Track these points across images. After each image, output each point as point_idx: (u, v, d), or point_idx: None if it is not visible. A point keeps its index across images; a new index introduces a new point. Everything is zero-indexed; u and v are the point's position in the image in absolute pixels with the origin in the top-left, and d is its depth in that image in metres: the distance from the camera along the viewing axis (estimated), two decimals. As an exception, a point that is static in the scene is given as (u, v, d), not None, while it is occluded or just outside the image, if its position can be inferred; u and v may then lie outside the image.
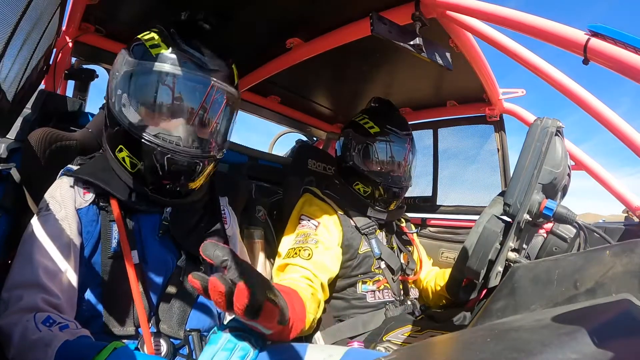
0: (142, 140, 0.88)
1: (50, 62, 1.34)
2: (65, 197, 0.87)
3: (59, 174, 0.93)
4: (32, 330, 0.70)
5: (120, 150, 0.92)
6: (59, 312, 0.78)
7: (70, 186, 0.90)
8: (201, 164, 0.93)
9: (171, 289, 0.91)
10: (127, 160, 0.92)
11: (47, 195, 0.88)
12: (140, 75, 0.92)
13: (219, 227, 1.06)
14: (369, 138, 1.48)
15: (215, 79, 0.94)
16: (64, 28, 1.33)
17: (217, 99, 0.97)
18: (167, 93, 0.92)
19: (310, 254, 1.25)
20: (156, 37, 0.95)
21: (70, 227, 0.85)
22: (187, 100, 0.93)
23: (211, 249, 0.61)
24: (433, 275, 1.56)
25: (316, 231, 1.33)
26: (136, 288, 0.83)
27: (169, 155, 0.88)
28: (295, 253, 1.26)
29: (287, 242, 1.34)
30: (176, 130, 0.91)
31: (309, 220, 1.36)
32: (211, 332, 0.83)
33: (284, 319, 0.74)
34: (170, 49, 0.92)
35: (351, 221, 1.42)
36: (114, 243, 0.87)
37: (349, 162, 1.49)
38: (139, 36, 0.98)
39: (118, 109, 0.91)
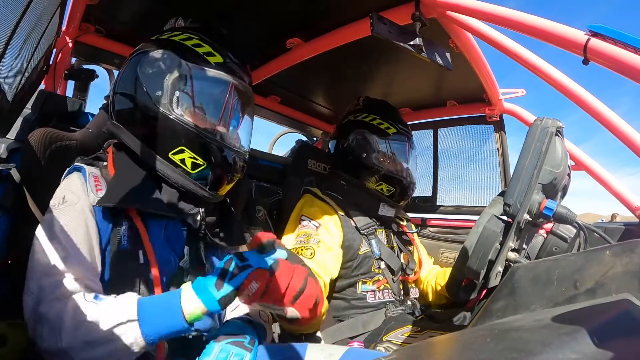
0: (208, 141, 0.93)
1: (50, 62, 1.34)
2: (80, 191, 0.86)
3: (66, 171, 0.92)
4: (88, 304, 0.71)
5: (181, 152, 0.91)
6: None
7: (82, 183, 0.88)
8: (241, 160, 1.02)
9: (173, 289, 0.91)
10: (189, 161, 0.92)
11: (62, 189, 0.86)
12: (207, 83, 0.97)
13: (232, 218, 1.08)
14: (388, 138, 1.51)
15: (251, 91, 1.04)
16: (64, 28, 1.33)
17: (250, 108, 1.09)
18: (229, 101, 0.99)
19: (313, 253, 1.26)
20: (203, 43, 0.97)
21: (88, 217, 0.84)
22: (238, 108, 1.04)
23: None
24: (434, 275, 1.56)
25: (317, 232, 1.33)
26: (157, 280, 0.84)
27: (234, 155, 0.98)
28: (298, 252, 1.26)
29: (287, 243, 1.34)
30: (231, 133, 1.01)
31: (309, 221, 1.36)
32: (204, 340, 0.83)
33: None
34: (224, 59, 0.97)
35: (351, 222, 1.42)
36: (124, 240, 0.87)
37: (369, 163, 1.48)
38: (175, 38, 0.98)
39: (179, 110, 0.93)
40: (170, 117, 0.91)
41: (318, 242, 1.30)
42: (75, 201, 0.84)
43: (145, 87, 0.92)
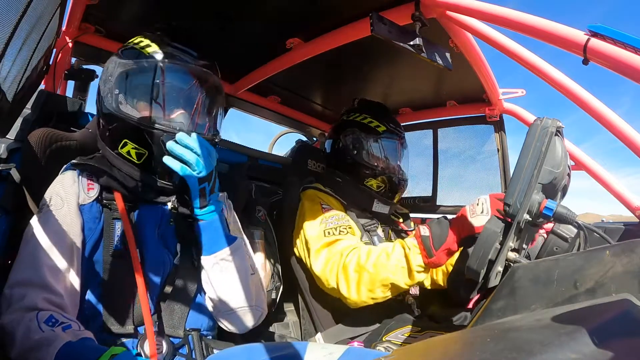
0: (150, 129, 0.91)
1: (50, 62, 1.34)
2: (68, 193, 0.88)
3: (62, 168, 0.94)
4: (35, 330, 0.70)
5: (125, 145, 0.93)
6: (62, 311, 0.78)
7: (74, 181, 0.90)
8: None
9: (168, 288, 0.91)
10: (133, 152, 0.92)
11: (50, 191, 0.88)
12: (136, 73, 0.95)
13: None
14: (379, 136, 1.53)
15: (205, 69, 1.00)
16: (64, 28, 1.33)
17: (209, 88, 1.02)
18: (165, 85, 0.96)
19: (353, 230, 1.34)
20: (144, 39, 0.99)
21: (72, 224, 0.85)
22: (184, 90, 0.98)
23: None
24: None
25: (337, 212, 1.38)
26: (142, 286, 0.83)
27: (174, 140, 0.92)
28: (341, 231, 1.29)
29: (313, 229, 1.34)
30: (177, 118, 0.96)
31: (327, 205, 1.40)
32: None
33: None
34: (161, 46, 0.96)
35: (354, 217, 1.43)
36: (117, 240, 0.88)
37: (360, 161, 1.50)
38: (126, 42, 1.02)
39: (116, 106, 0.93)
40: (111, 113, 0.93)
41: (348, 220, 1.36)
42: (60, 205, 0.86)
43: (101, 88, 0.98)
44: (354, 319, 1.35)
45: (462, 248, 1.05)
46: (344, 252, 1.22)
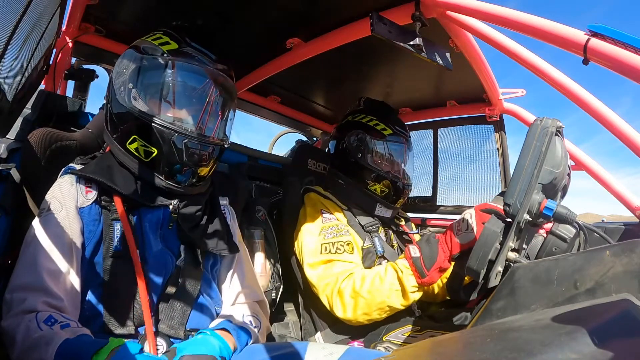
0: (161, 127, 0.91)
1: (50, 62, 1.34)
2: (66, 197, 0.88)
3: (61, 172, 0.94)
4: (34, 329, 0.71)
5: (133, 141, 0.93)
6: (62, 313, 0.78)
7: (72, 185, 0.90)
8: (212, 150, 0.98)
9: (170, 289, 0.91)
10: (141, 149, 0.92)
11: (49, 196, 0.88)
12: (155, 69, 0.95)
13: (221, 221, 1.06)
14: (384, 139, 1.51)
15: (222, 73, 1.01)
16: (64, 28, 1.33)
17: (224, 92, 1.03)
18: (182, 85, 0.97)
19: (351, 246, 1.30)
20: (163, 36, 0.99)
21: (71, 227, 0.85)
22: (199, 92, 0.99)
23: None
24: None
25: (337, 222, 1.36)
26: (143, 286, 0.83)
27: (186, 141, 0.92)
28: (338, 249, 1.28)
29: (311, 238, 1.34)
30: (188, 119, 0.97)
31: (330, 214, 1.39)
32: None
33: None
34: (180, 45, 0.97)
35: (355, 219, 1.43)
36: (116, 242, 0.88)
37: (364, 164, 1.49)
38: (144, 37, 1.01)
39: (129, 102, 0.93)
40: (124, 107, 0.93)
41: (348, 232, 1.34)
42: (59, 209, 0.86)
43: (114, 81, 0.97)
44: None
45: (454, 263, 1.10)
46: (339, 276, 1.23)
